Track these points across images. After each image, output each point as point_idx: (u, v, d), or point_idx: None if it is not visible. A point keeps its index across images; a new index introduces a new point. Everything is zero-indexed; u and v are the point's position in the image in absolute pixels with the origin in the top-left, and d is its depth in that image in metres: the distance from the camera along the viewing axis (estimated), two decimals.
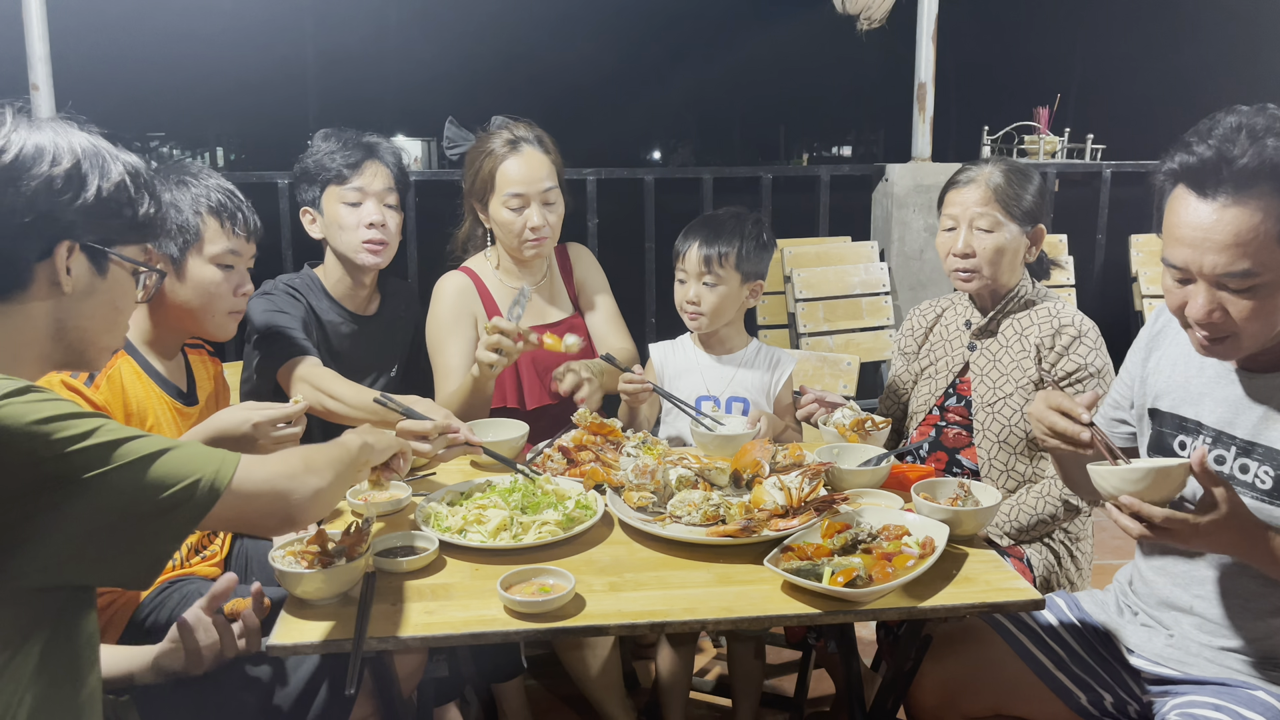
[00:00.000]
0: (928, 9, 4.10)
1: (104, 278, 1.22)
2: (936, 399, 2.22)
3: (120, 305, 1.26)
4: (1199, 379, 1.55)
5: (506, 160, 2.30)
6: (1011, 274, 2.14)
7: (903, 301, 4.15)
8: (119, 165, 1.22)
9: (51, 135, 1.17)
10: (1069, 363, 2.06)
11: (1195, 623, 1.55)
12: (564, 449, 1.96)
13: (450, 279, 2.41)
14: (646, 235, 4.09)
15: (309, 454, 1.32)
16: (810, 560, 1.47)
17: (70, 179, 1.16)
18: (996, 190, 2.08)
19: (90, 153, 1.20)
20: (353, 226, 2.25)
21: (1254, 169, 1.30)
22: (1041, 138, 4.95)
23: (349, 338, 2.34)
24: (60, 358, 1.22)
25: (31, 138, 1.15)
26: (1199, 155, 1.34)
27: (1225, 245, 1.32)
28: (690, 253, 2.19)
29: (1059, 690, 1.62)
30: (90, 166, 1.19)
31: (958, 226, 2.12)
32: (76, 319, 1.20)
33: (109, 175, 1.20)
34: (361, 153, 2.27)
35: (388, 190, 2.30)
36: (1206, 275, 1.36)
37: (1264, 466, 1.45)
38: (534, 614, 1.36)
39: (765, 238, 2.23)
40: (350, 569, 1.39)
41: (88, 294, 1.20)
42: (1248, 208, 1.31)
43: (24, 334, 1.16)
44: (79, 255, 1.18)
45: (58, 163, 1.15)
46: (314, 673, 1.51)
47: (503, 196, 2.30)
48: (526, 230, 2.30)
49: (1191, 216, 1.35)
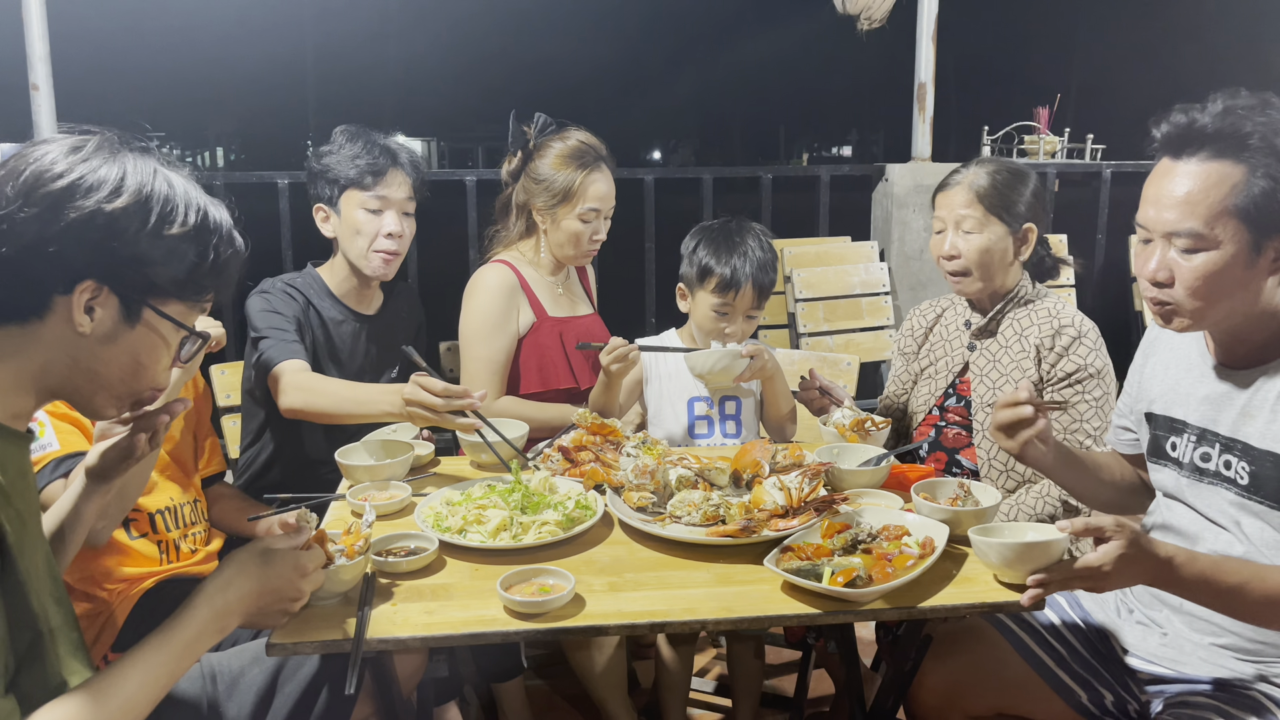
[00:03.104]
0: (928, 9, 4.10)
1: (132, 328, 1.14)
2: (936, 399, 2.23)
3: (144, 361, 1.18)
4: (1186, 379, 1.58)
5: (592, 175, 2.38)
6: (1005, 275, 2.14)
7: (903, 301, 4.16)
8: (193, 214, 1.15)
9: (123, 169, 1.11)
10: (1068, 363, 2.06)
11: (1187, 620, 1.56)
12: (564, 449, 1.96)
13: (496, 272, 2.41)
14: (646, 235, 4.09)
15: None
16: (810, 560, 1.47)
17: (122, 218, 1.09)
18: (980, 192, 2.09)
19: (162, 196, 1.12)
20: (370, 234, 2.25)
21: (1220, 134, 1.37)
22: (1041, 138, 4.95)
23: (351, 337, 2.34)
24: (67, 394, 1.17)
25: (102, 169, 1.10)
26: (1174, 122, 1.42)
27: (1178, 201, 1.39)
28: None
29: (1060, 689, 1.62)
30: (156, 209, 1.12)
31: (945, 229, 2.14)
32: (90, 361, 1.14)
33: (173, 222, 1.13)
34: (386, 160, 2.26)
35: (408, 199, 2.30)
36: (1158, 231, 1.42)
37: (1242, 462, 1.47)
38: (534, 614, 1.36)
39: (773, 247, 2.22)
40: (350, 569, 1.39)
41: (108, 340, 1.13)
42: (1208, 171, 1.38)
43: (33, 361, 1.11)
44: (109, 298, 1.11)
45: (114, 198, 1.09)
46: (314, 673, 1.50)
47: (580, 209, 2.38)
48: (590, 240, 2.42)
49: (1160, 176, 1.43)
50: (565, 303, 2.51)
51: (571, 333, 2.44)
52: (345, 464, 1.87)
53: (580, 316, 2.52)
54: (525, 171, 2.44)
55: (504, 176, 2.50)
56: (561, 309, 2.48)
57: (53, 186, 1.07)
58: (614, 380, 2.14)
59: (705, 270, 2.14)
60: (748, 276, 2.11)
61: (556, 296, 2.48)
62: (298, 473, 2.30)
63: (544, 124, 2.45)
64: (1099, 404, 2.06)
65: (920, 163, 4.23)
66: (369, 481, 1.82)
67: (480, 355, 2.37)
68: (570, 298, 2.54)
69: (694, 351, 2.07)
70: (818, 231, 4.35)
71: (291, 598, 1.26)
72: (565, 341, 2.43)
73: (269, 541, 1.27)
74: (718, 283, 2.12)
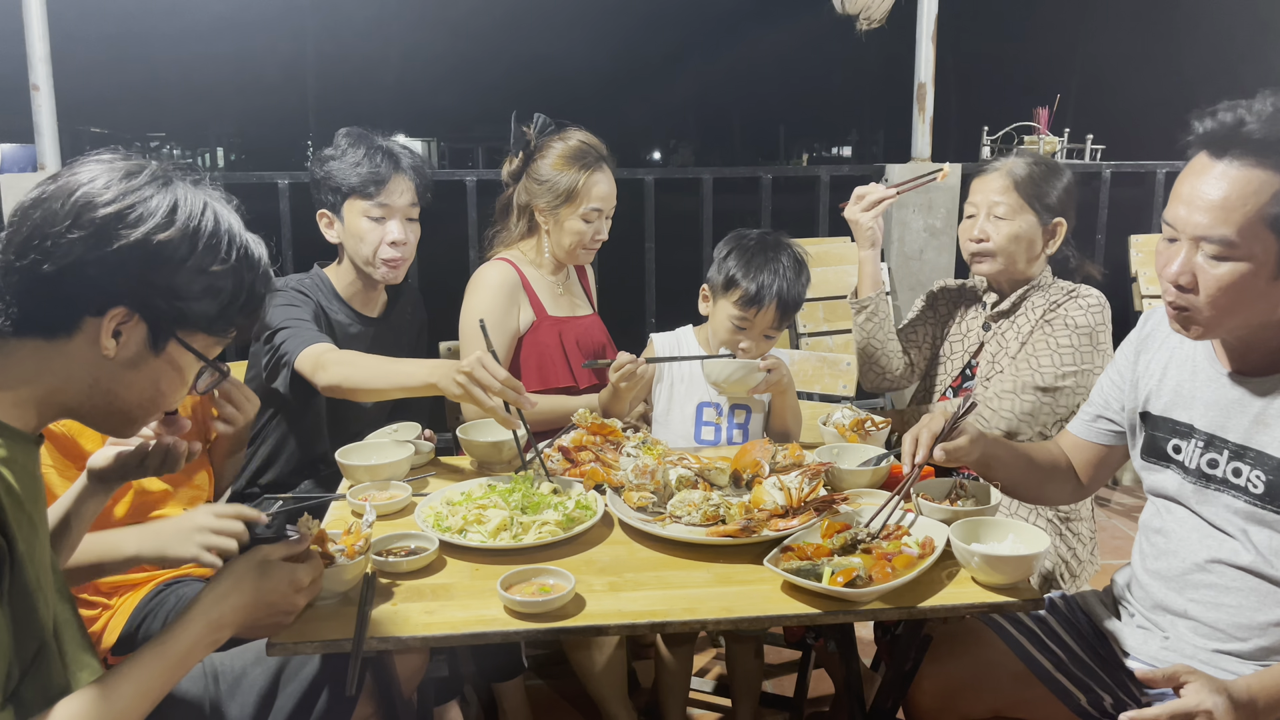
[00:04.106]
0: (928, 9, 4.10)
1: (156, 356, 1.15)
2: (953, 380, 2.24)
3: (164, 389, 1.19)
4: (1191, 382, 1.56)
5: (594, 175, 2.38)
6: (1029, 264, 2.16)
7: (902, 301, 4.16)
8: (235, 252, 1.16)
9: (174, 200, 1.12)
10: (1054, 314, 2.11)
11: (1190, 626, 1.55)
12: (564, 449, 1.96)
13: (498, 269, 2.41)
14: (646, 235, 4.09)
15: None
16: (810, 560, 1.47)
17: (167, 249, 1.10)
18: (1017, 179, 2.12)
19: (209, 231, 1.13)
20: (374, 242, 2.24)
21: (1265, 141, 1.31)
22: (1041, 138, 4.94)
23: (357, 338, 2.34)
24: (85, 413, 1.17)
25: (154, 199, 1.11)
26: (1220, 120, 1.35)
27: (1212, 205, 1.34)
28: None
29: (1059, 692, 1.62)
30: (202, 244, 1.13)
31: (977, 214, 2.16)
32: (110, 384, 1.14)
33: (215, 258, 1.14)
34: (389, 166, 2.24)
35: (411, 205, 2.28)
36: (1189, 234, 1.37)
37: (1255, 470, 1.45)
38: (534, 614, 1.36)
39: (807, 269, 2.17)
40: (350, 569, 1.40)
41: (131, 366, 1.14)
42: (1249, 177, 1.32)
43: (55, 376, 1.12)
44: (138, 325, 1.12)
45: (163, 230, 1.10)
46: (316, 673, 1.51)
47: (583, 209, 2.38)
48: (591, 240, 2.42)
49: (1195, 174, 1.37)
50: (566, 303, 2.51)
51: (571, 333, 2.45)
52: (345, 464, 1.87)
53: (580, 317, 2.52)
54: (527, 172, 2.44)
55: (505, 177, 2.50)
56: (562, 309, 2.48)
57: (104, 212, 1.08)
58: (623, 392, 2.14)
59: (731, 281, 2.10)
60: (773, 296, 2.08)
61: (557, 296, 2.49)
62: (297, 471, 2.30)
63: (544, 124, 2.45)
64: (1057, 351, 2.07)
65: (920, 163, 4.23)
66: (369, 481, 1.82)
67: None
68: (570, 298, 2.54)
69: (713, 359, 2.05)
70: (818, 232, 4.35)
71: (286, 610, 1.27)
72: (565, 341, 2.43)
73: (266, 552, 1.27)
74: (741, 296, 2.09)
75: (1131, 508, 3.95)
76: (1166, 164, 4.40)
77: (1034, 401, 2.05)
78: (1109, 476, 1.77)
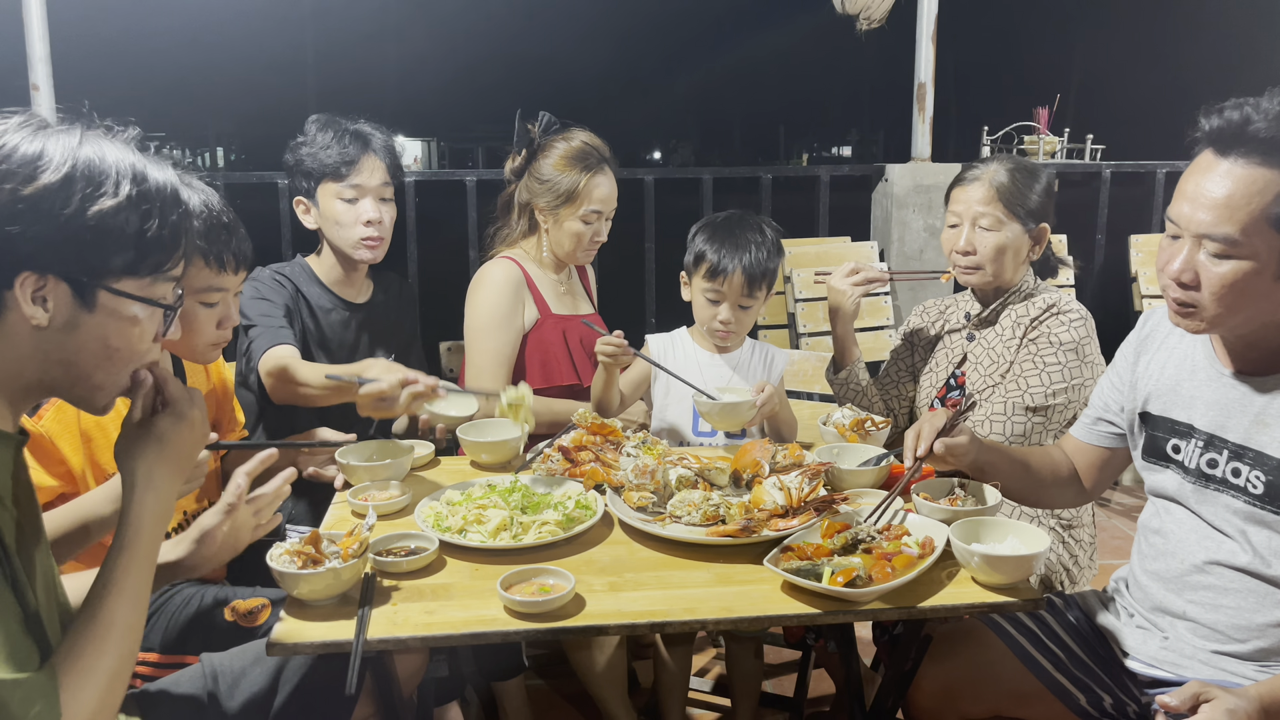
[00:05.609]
0: (928, 9, 4.10)
1: (91, 312, 1.07)
2: (938, 391, 2.24)
3: (115, 344, 1.10)
4: (1190, 382, 1.56)
5: (595, 178, 2.39)
6: (1014, 271, 2.16)
7: (902, 302, 4.16)
8: (126, 184, 1.06)
9: (41, 147, 1.03)
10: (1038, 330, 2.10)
11: (1190, 627, 1.55)
12: (564, 449, 1.96)
13: (502, 267, 2.42)
14: (646, 235, 4.09)
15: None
16: (810, 560, 1.46)
17: (43, 200, 1.01)
18: (1000, 189, 2.10)
19: (86, 170, 1.04)
20: (350, 224, 2.26)
21: (1272, 140, 1.31)
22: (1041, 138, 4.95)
23: (340, 324, 2.35)
24: (51, 390, 1.11)
25: (19, 151, 1.02)
26: (1227, 118, 1.35)
27: (1216, 203, 1.33)
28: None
29: (1058, 691, 1.62)
30: (80, 186, 1.03)
31: (961, 224, 2.15)
32: (59, 353, 1.08)
33: (102, 196, 1.04)
34: (358, 148, 2.26)
35: (384, 185, 2.30)
36: (1192, 231, 1.37)
37: (1255, 471, 1.45)
38: (534, 614, 1.36)
39: (779, 243, 2.22)
40: (350, 569, 1.39)
41: (70, 328, 1.07)
42: (1254, 176, 1.31)
43: (5, 361, 1.06)
44: (57, 285, 1.04)
45: (27, 182, 1.01)
46: (315, 673, 1.51)
47: (583, 210, 2.39)
48: (590, 241, 2.43)
49: (1200, 172, 1.37)
50: (568, 301, 2.52)
51: (574, 331, 2.45)
52: (345, 464, 1.87)
53: (582, 315, 2.53)
54: (529, 171, 2.45)
55: (507, 174, 2.51)
56: (564, 307, 2.49)
57: None
58: (610, 373, 2.15)
59: (699, 256, 2.17)
60: (738, 262, 2.12)
61: (560, 294, 2.49)
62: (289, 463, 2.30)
63: (548, 123, 2.46)
64: (1045, 370, 2.06)
65: (920, 163, 4.23)
66: (369, 481, 1.82)
67: (487, 348, 2.38)
68: (573, 296, 2.56)
69: (706, 399, 2.04)
70: (817, 232, 4.35)
71: (197, 444, 1.21)
72: (568, 339, 2.44)
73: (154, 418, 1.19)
74: (708, 268, 2.14)
75: (1131, 508, 3.95)
76: (1166, 164, 4.40)
77: (1025, 423, 2.05)
78: (1112, 480, 1.77)
